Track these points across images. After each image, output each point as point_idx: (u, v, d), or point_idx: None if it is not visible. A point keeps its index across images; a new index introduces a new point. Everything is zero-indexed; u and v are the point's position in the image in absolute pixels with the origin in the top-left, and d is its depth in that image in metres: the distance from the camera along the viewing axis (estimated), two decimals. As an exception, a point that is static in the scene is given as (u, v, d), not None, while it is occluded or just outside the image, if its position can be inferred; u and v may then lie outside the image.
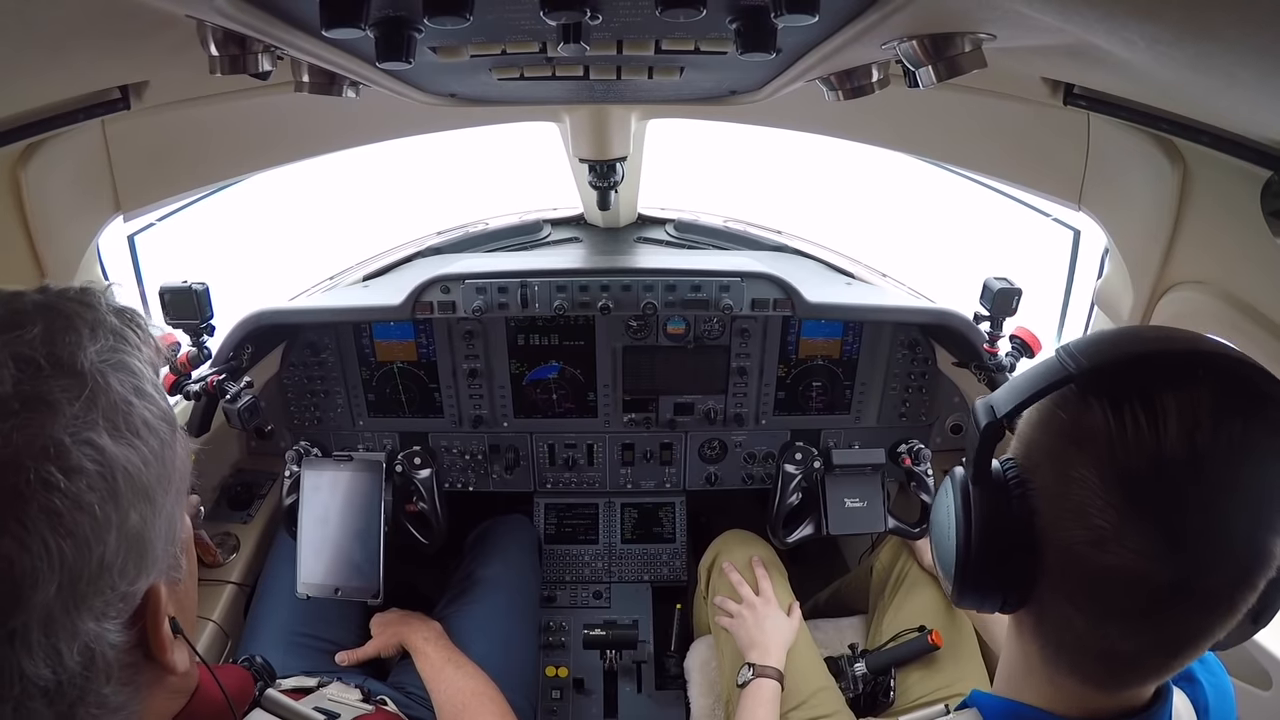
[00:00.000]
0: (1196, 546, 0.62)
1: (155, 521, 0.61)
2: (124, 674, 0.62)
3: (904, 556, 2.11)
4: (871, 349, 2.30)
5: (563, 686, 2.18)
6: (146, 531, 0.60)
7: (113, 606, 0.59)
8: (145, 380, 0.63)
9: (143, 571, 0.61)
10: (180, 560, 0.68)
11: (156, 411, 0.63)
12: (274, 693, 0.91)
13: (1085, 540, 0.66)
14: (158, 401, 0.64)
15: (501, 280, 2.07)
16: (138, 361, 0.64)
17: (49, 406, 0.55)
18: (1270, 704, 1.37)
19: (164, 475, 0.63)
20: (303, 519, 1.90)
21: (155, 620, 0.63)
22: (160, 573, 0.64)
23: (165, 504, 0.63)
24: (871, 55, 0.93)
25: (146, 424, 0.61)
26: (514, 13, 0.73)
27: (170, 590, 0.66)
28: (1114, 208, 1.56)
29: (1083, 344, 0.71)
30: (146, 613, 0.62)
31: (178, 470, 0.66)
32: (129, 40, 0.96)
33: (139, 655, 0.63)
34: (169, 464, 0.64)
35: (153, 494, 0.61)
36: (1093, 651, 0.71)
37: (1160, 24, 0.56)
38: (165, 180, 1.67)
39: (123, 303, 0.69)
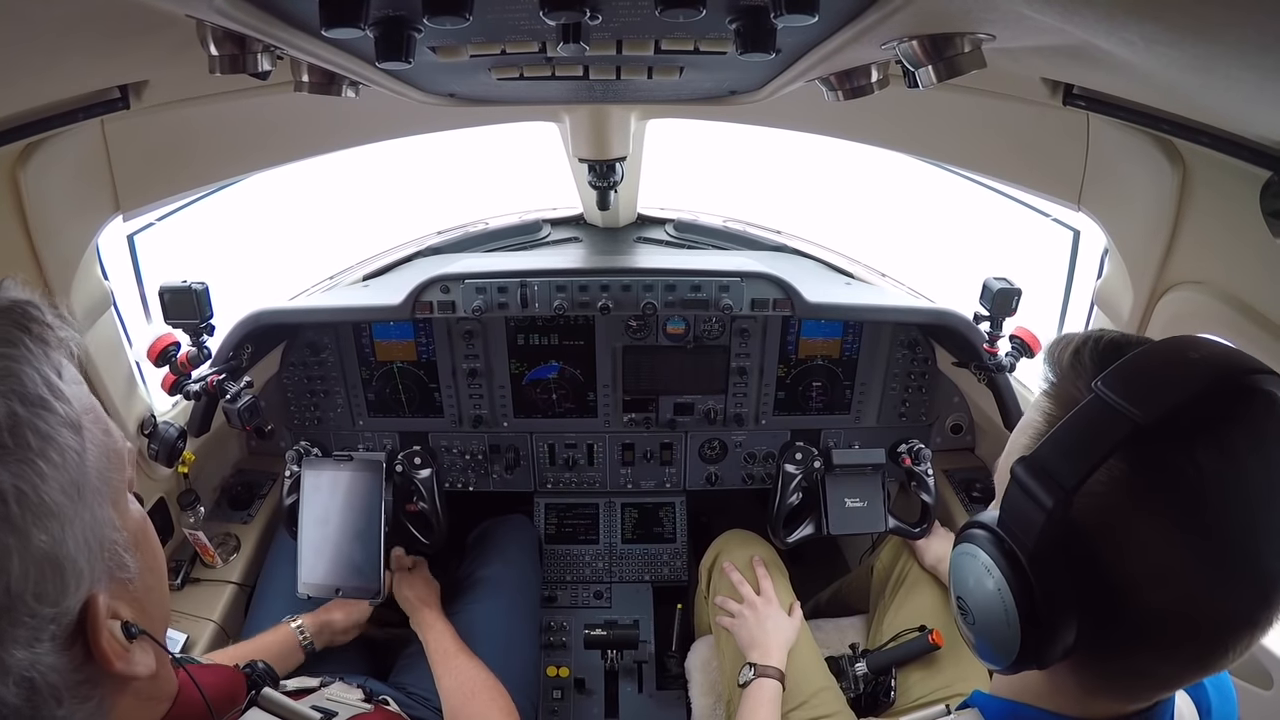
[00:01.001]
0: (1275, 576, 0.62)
1: (69, 536, 0.58)
2: (78, 692, 0.60)
3: (904, 556, 2.11)
4: (871, 349, 2.30)
5: (564, 686, 2.18)
6: (58, 550, 0.57)
7: (42, 631, 0.56)
8: (40, 385, 0.58)
9: (66, 589, 0.58)
10: (125, 559, 0.64)
11: (56, 419, 0.58)
12: (270, 691, 0.90)
13: (1166, 595, 0.63)
14: (56, 408, 0.59)
15: (501, 280, 2.07)
16: (29, 366, 0.58)
17: None
18: (1271, 704, 1.37)
19: (73, 484, 0.58)
20: (303, 519, 1.90)
21: (94, 634, 0.60)
22: (95, 582, 0.61)
23: (81, 513, 0.59)
24: (871, 55, 0.93)
25: (42, 435, 0.57)
26: (514, 13, 0.73)
27: (118, 593, 0.64)
28: (1113, 208, 1.56)
29: (1126, 382, 0.65)
30: (85, 626, 0.60)
31: (93, 471, 0.61)
32: (128, 40, 0.96)
33: (92, 670, 0.61)
34: (78, 470, 0.59)
35: (59, 509, 0.57)
36: (1129, 676, 0.70)
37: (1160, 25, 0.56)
38: (165, 180, 1.67)
39: (13, 295, 0.62)
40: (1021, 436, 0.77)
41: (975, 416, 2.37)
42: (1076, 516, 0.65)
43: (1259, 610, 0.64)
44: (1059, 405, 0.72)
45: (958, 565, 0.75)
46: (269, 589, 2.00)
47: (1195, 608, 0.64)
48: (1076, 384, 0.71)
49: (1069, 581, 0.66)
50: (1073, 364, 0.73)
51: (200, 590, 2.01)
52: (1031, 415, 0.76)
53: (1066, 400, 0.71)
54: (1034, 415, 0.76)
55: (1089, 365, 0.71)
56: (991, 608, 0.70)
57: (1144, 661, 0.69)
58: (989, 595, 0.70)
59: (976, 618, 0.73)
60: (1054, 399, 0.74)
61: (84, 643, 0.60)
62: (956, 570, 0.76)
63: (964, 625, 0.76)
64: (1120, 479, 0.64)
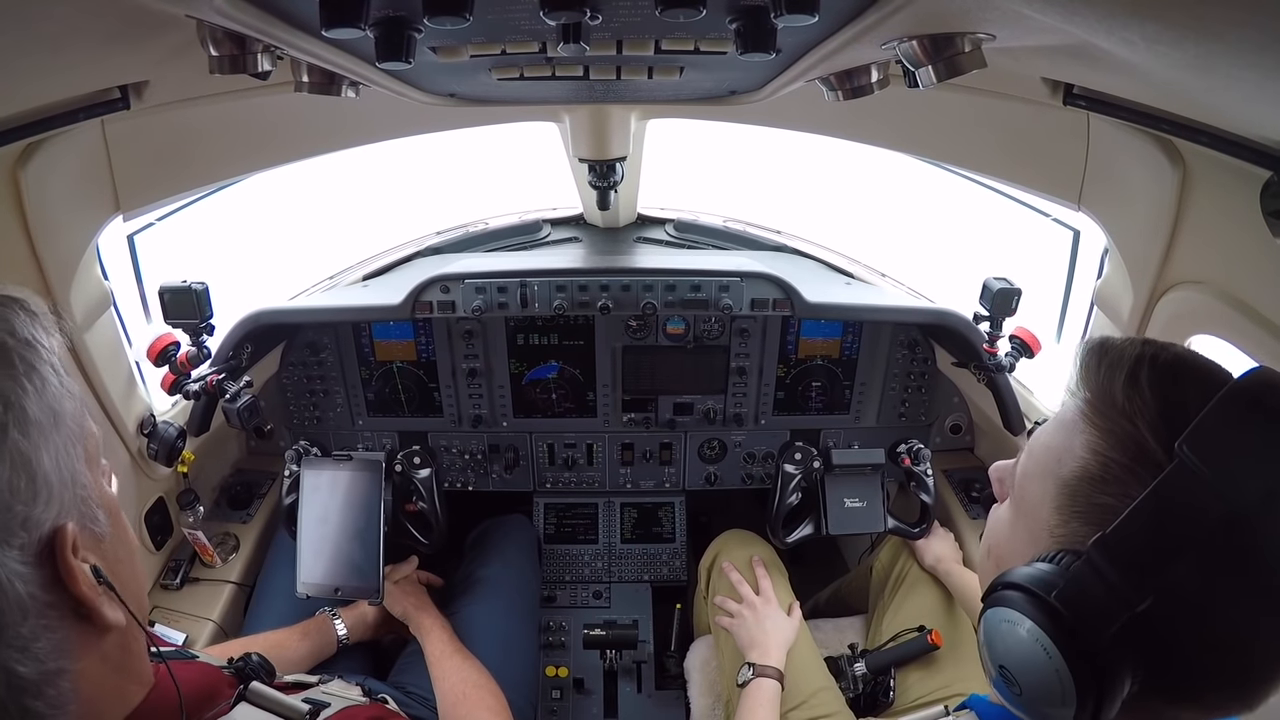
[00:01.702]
0: None
1: (44, 450, 0.64)
2: (44, 614, 0.63)
3: (904, 556, 2.11)
4: (871, 349, 2.30)
5: (563, 686, 2.18)
6: (33, 455, 0.63)
7: (11, 533, 0.60)
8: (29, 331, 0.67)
9: (37, 495, 0.63)
10: (96, 512, 0.70)
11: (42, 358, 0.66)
12: (259, 685, 0.90)
13: (1226, 663, 0.62)
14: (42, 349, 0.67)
15: (501, 280, 2.07)
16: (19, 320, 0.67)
17: None
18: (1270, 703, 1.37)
19: (51, 410, 0.65)
20: (302, 519, 1.90)
21: (61, 552, 0.64)
22: (65, 511, 0.65)
23: (55, 439, 0.65)
24: (871, 55, 0.93)
25: (28, 363, 0.65)
26: (514, 13, 0.73)
27: (89, 542, 0.68)
28: (1114, 208, 1.56)
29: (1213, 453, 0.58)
30: (53, 552, 0.64)
31: (69, 414, 0.68)
32: (129, 40, 0.96)
33: (59, 599, 0.64)
34: (57, 401, 0.66)
35: (37, 423, 0.63)
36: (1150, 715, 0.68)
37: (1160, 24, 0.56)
38: (165, 180, 1.67)
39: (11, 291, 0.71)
40: (1059, 466, 0.70)
41: (975, 417, 2.37)
42: (1136, 597, 0.60)
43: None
44: (1114, 447, 0.65)
45: (1000, 633, 0.68)
46: (268, 588, 2.00)
47: (1251, 670, 0.63)
48: (1136, 423, 0.64)
49: (1135, 658, 0.62)
50: (1128, 395, 0.65)
51: (199, 590, 2.01)
52: (1070, 443, 0.69)
53: (1126, 444, 0.65)
54: (1075, 445, 0.68)
55: (1151, 401, 0.64)
56: (1046, 684, 0.64)
57: (1186, 714, 0.67)
58: (1043, 671, 0.64)
59: (1025, 689, 0.67)
60: (1105, 435, 0.66)
61: (53, 567, 0.64)
62: (997, 636, 0.68)
63: (1005, 690, 0.70)
64: (1202, 559, 0.59)
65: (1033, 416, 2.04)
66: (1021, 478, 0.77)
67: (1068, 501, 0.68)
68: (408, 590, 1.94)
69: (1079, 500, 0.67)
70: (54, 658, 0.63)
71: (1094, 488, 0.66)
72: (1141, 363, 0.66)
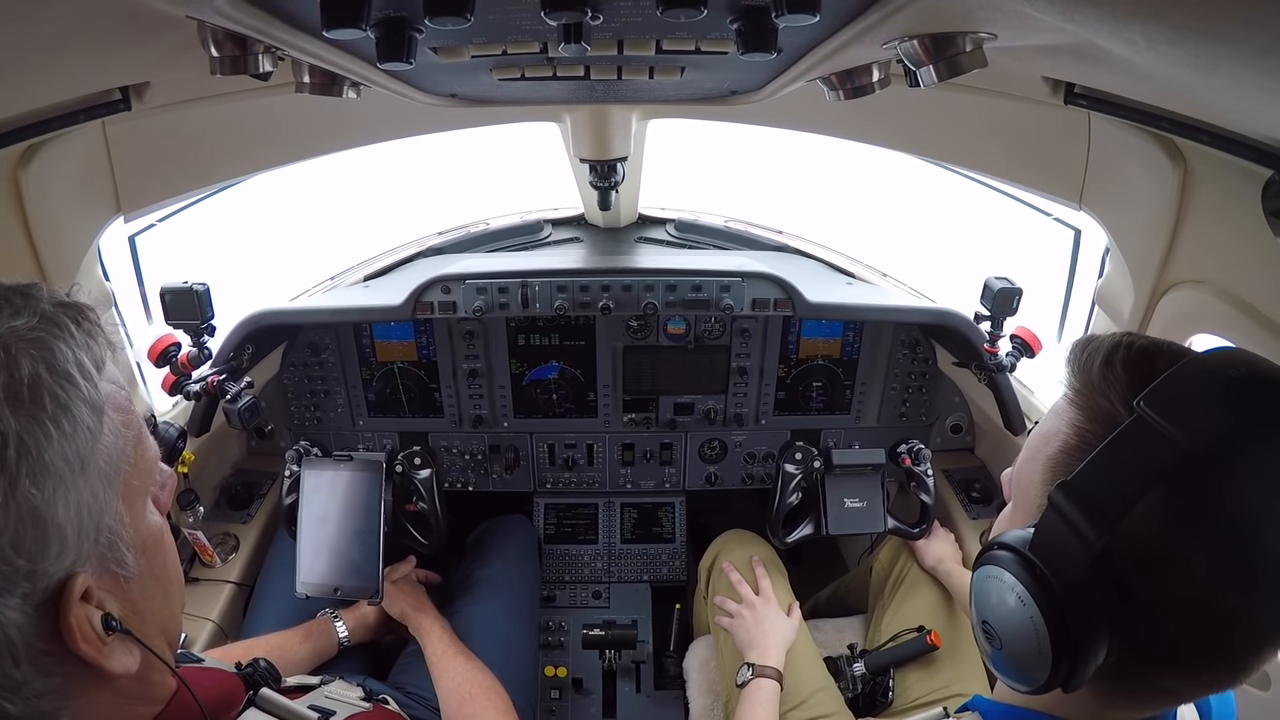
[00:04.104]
0: None
1: (60, 501, 0.59)
2: (39, 661, 0.60)
3: (903, 557, 2.11)
4: (872, 349, 2.29)
5: (562, 686, 2.18)
6: (45, 509, 0.58)
7: (13, 584, 0.58)
8: (70, 364, 0.62)
9: (46, 551, 0.59)
10: (124, 555, 0.66)
11: (78, 395, 0.62)
12: (268, 691, 0.90)
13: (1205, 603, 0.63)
14: (80, 385, 0.62)
15: (502, 280, 2.07)
16: (66, 346, 0.63)
17: None
18: (1270, 704, 1.37)
19: (79, 456, 0.61)
20: (302, 519, 1.90)
21: (64, 608, 0.61)
22: (82, 561, 0.62)
23: (79, 487, 0.61)
24: (872, 55, 0.93)
25: (59, 403, 0.60)
26: (515, 13, 0.73)
27: (109, 585, 0.65)
28: (1115, 207, 1.56)
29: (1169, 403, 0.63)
30: (59, 604, 0.61)
31: (104, 455, 0.63)
32: (130, 41, 0.96)
33: (59, 647, 0.61)
34: (87, 447, 0.62)
35: (56, 473, 0.59)
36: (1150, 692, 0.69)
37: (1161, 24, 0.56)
38: (166, 181, 1.68)
39: (77, 299, 0.67)
40: (1045, 446, 0.74)
41: (975, 417, 2.37)
42: (1113, 542, 0.64)
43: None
44: (1091, 419, 0.70)
45: (983, 588, 0.73)
46: (268, 588, 2.01)
47: (1230, 632, 0.63)
48: (1109, 396, 0.69)
49: (1104, 609, 0.64)
50: (1104, 374, 0.70)
51: (199, 590, 2.01)
52: (1056, 425, 0.74)
53: (1100, 415, 0.69)
54: (1060, 425, 0.73)
55: (1122, 376, 0.69)
56: (1022, 635, 0.68)
57: (1169, 681, 0.69)
58: (1020, 622, 0.68)
59: (1004, 643, 0.71)
60: (1084, 411, 0.71)
61: (56, 619, 0.61)
62: (981, 593, 0.73)
63: (987, 646, 0.74)
64: (1160, 503, 0.62)
65: (1033, 416, 2.04)
66: (1018, 467, 0.80)
67: (1051, 475, 0.72)
68: (406, 591, 1.94)
69: (1060, 472, 0.71)
70: (49, 699, 0.61)
71: (1072, 457, 0.70)
72: (1118, 348, 0.71)
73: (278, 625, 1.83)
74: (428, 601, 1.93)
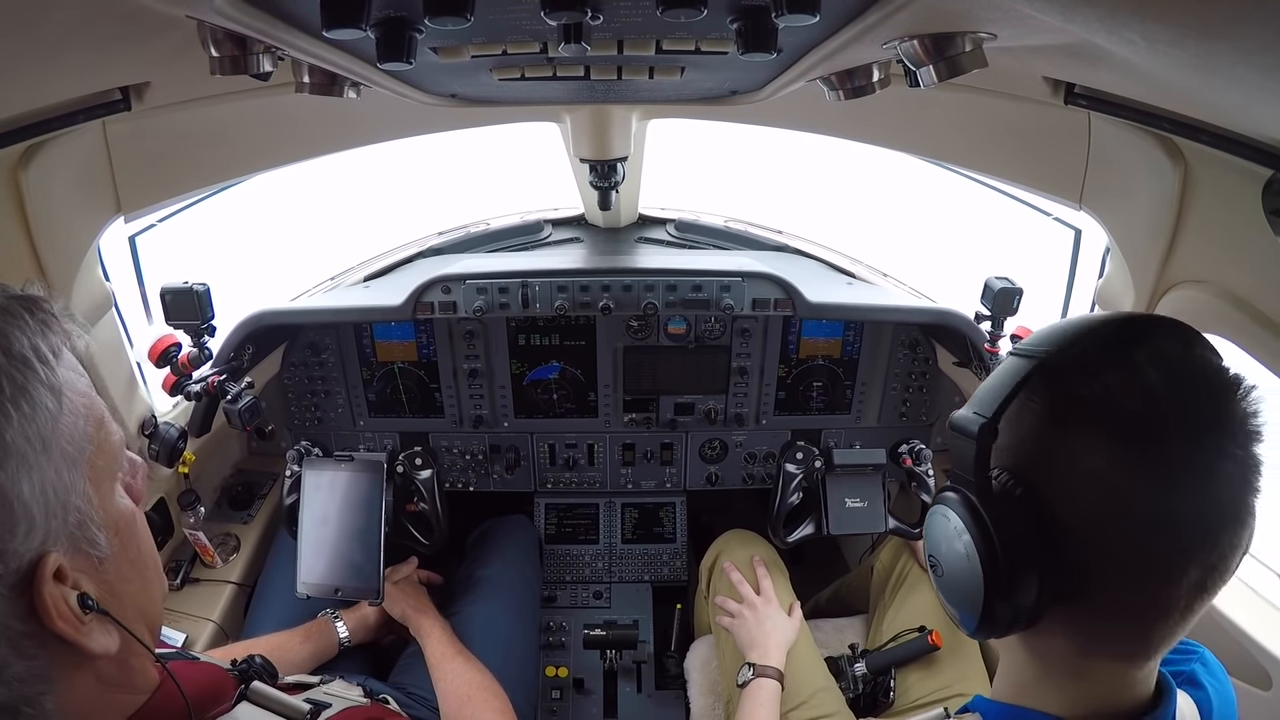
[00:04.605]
0: (1209, 467, 0.66)
1: (24, 481, 0.61)
2: (19, 643, 0.61)
3: (904, 556, 2.11)
4: (872, 349, 2.29)
5: (563, 686, 2.18)
6: (10, 488, 0.60)
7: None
8: (26, 348, 0.64)
9: (15, 530, 0.60)
10: (95, 535, 0.67)
11: (36, 379, 0.63)
12: (260, 685, 0.90)
13: (1108, 498, 0.67)
14: (38, 370, 0.64)
15: (502, 280, 2.07)
16: (20, 333, 0.64)
17: None
18: (1270, 704, 1.37)
19: (40, 436, 0.63)
20: (303, 519, 1.90)
21: (38, 586, 0.62)
22: (52, 541, 0.63)
23: (43, 467, 0.63)
24: (872, 55, 0.93)
25: (17, 385, 0.62)
26: (515, 13, 0.73)
27: (82, 565, 0.66)
28: (1115, 207, 1.56)
29: (1034, 338, 0.75)
30: (32, 583, 0.62)
31: (65, 436, 0.65)
32: (130, 41, 0.96)
33: (38, 628, 0.62)
34: (48, 427, 0.63)
35: (19, 452, 0.61)
36: (1140, 612, 0.71)
37: (1161, 23, 0.56)
38: (166, 181, 1.67)
39: (31, 292, 0.69)
40: None
41: (976, 416, 2.36)
42: (1018, 466, 0.73)
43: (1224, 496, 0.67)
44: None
45: (929, 527, 0.81)
46: (269, 589, 2.01)
47: (1140, 518, 0.66)
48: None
49: (1022, 517, 0.71)
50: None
51: (200, 590, 2.01)
52: None
53: None
54: None
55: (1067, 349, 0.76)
56: (955, 553, 0.75)
57: (1120, 599, 0.70)
58: (951, 541, 0.75)
59: (945, 569, 0.78)
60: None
61: (31, 598, 0.62)
62: (928, 532, 0.81)
63: (936, 582, 0.81)
64: (1042, 414, 0.72)
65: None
66: None
67: None
68: (407, 592, 1.94)
69: None
70: (31, 683, 0.62)
71: None
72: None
73: (278, 626, 1.83)
74: (428, 603, 1.93)
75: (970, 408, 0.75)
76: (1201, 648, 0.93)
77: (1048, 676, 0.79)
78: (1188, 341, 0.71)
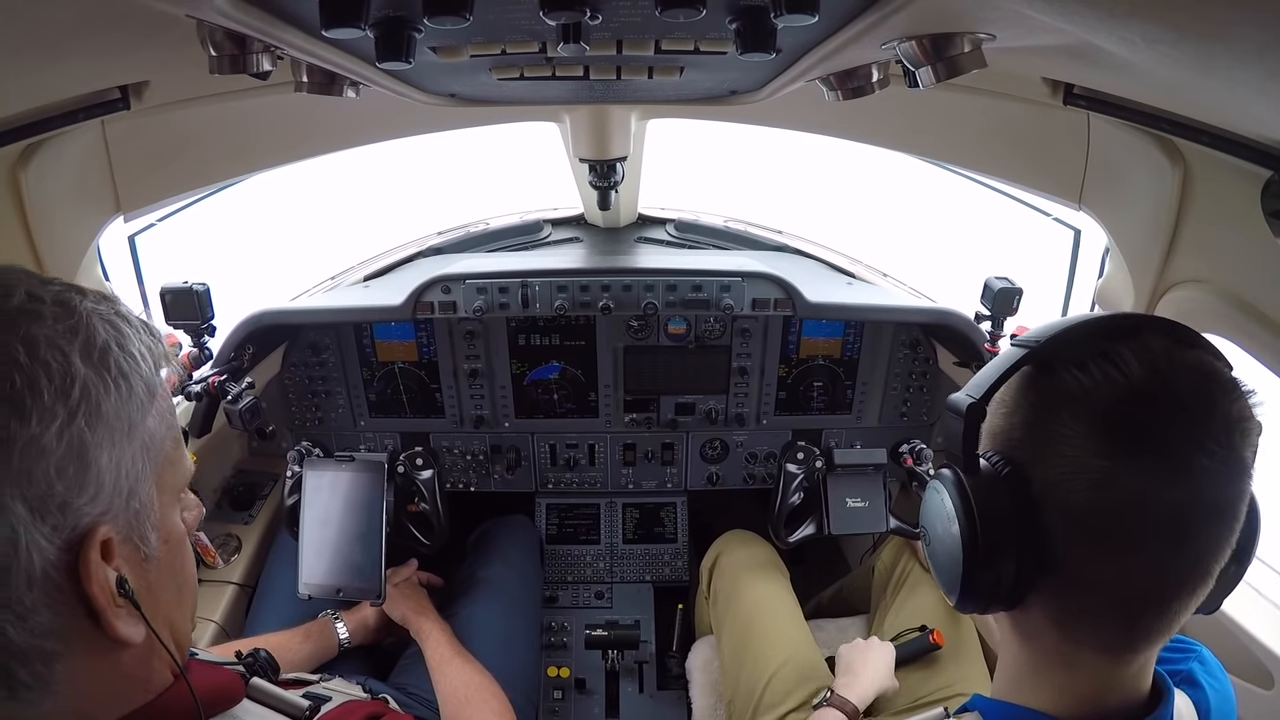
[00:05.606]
0: (1189, 459, 0.67)
1: (104, 449, 0.64)
2: (51, 596, 0.62)
3: (906, 556, 2.11)
4: (872, 349, 2.29)
5: (564, 687, 2.18)
6: (93, 451, 0.63)
7: (48, 511, 0.61)
8: (135, 348, 0.69)
9: (84, 488, 0.63)
10: (148, 533, 0.70)
11: (137, 374, 0.68)
12: (260, 681, 0.90)
13: (1088, 485, 0.69)
14: (141, 368, 0.69)
15: (502, 280, 2.07)
16: (135, 336, 0.70)
17: (35, 317, 0.63)
18: (1271, 704, 1.37)
19: (128, 419, 0.67)
20: (304, 519, 1.90)
21: (86, 551, 0.63)
22: (112, 518, 0.66)
23: (123, 447, 0.66)
24: (871, 55, 0.93)
25: (122, 371, 0.67)
26: (514, 13, 0.73)
27: (129, 555, 0.68)
28: (1114, 207, 1.56)
29: (1032, 331, 0.79)
30: (82, 544, 0.63)
31: (146, 431, 0.69)
32: (129, 40, 0.96)
33: (72, 588, 0.64)
34: (137, 416, 0.68)
35: (108, 423, 0.64)
36: (1120, 599, 0.72)
37: (1161, 24, 0.56)
38: (165, 180, 1.68)
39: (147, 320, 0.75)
40: None
41: (976, 416, 2.36)
42: (1007, 447, 0.76)
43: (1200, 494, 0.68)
44: None
45: (926, 500, 0.84)
46: (270, 589, 2.01)
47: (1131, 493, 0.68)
48: None
49: (1005, 494, 0.74)
50: None
51: (201, 591, 2.00)
52: None
53: None
54: None
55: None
56: (941, 524, 0.79)
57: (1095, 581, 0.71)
58: (939, 513, 0.79)
59: (932, 539, 0.82)
60: None
61: (76, 558, 0.63)
62: (923, 505, 0.85)
63: (926, 551, 0.85)
64: (1033, 401, 0.75)
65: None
66: None
67: None
68: (407, 594, 1.93)
69: None
70: (49, 638, 0.63)
71: None
72: None
73: (279, 626, 1.83)
74: (429, 605, 1.92)
75: (965, 390, 0.79)
76: (1199, 646, 0.93)
77: (1039, 669, 0.80)
78: (1179, 340, 0.72)
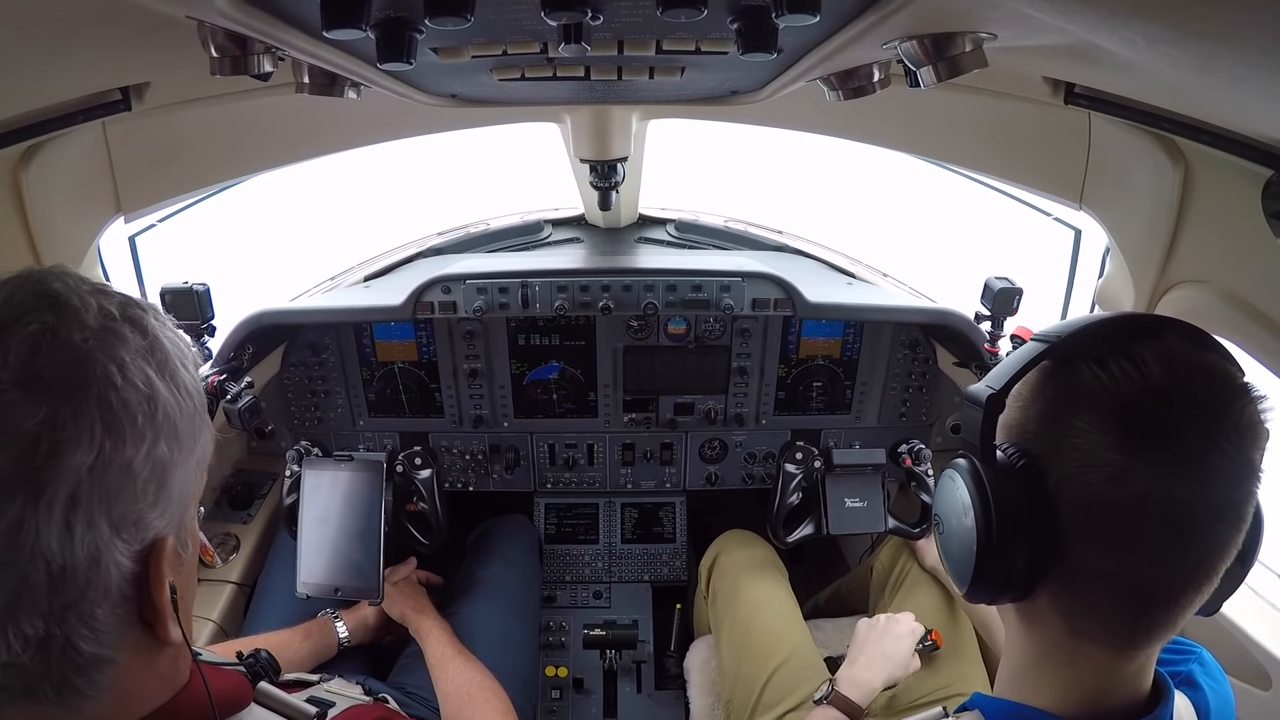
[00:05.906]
0: (1200, 458, 0.68)
1: (180, 467, 0.67)
2: (118, 607, 0.64)
3: (904, 556, 2.11)
4: (872, 349, 2.29)
5: (562, 686, 2.18)
6: (170, 468, 0.66)
7: (126, 528, 0.63)
8: (188, 358, 0.72)
9: (157, 506, 0.65)
10: (189, 543, 0.73)
11: (196, 385, 0.72)
12: (267, 686, 0.90)
13: (1103, 479, 0.70)
14: (196, 379, 0.73)
15: (502, 280, 2.07)
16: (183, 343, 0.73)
17: (119, 338, 0.65)
18: (1270, 704, 1.37)
19: (188, 434, 0.69)
20: (303, 519, 1.90)
21: (157, 563, 0.66)
22: (171, 527, 0.68)
23: (187, 463, 0.69)
24: (872, 55, 0.93)
25: (186, 387, 0.70)
26: (515, 13, 0.73)
27: (174, 563, 0.70)
28: (1115, 207, 1.56)
29: (1053, 326, 0.79)
30: (150, 556, 0.66)
31: (200, 444, 0.72)
32: (130, 41, 0.96)
33: (137, 597, 0.66)
34: (194, 431, 0.70)
35: (181, 439, 0.67)
36: (1127, 593, 0.73)
37: (1162, 24, 0.56)
38: (166, 181, 1.68)
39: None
40: None
41: (976, 416, 2.36)
42: (1024, 440, 0.77)
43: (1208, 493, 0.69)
44: None
45: (938, 488, 0.86)
46: (269, 589, 2.01)
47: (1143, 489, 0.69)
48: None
49: (1019, 485, 0.74)
50: None
51: (199, 590, 2.00)
52: None
53: None
54: None
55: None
56: (955, 513, 0.80)
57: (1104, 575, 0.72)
58: (953, 501, 0.80)
59: (945, 527, 0.83)
60: None
61: (143, 569, 0.66)
62: (936, 492, 0.86)
63: (938, 539, 0.86)
64: (1052, 395, 0.76)
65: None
66: None
67: None
68: (406, 593, 1.93)
69: None
70: (112, 648, 0.65)
71: None
72: None
73: (278, 625, 1.83)
74: (428, 604, 1.92)
75: (985, 381, 0.79)
76: (1199, 648, 0.93)
77: (1042, 664, 0.80)
78: (1197, 342, 0.73)
